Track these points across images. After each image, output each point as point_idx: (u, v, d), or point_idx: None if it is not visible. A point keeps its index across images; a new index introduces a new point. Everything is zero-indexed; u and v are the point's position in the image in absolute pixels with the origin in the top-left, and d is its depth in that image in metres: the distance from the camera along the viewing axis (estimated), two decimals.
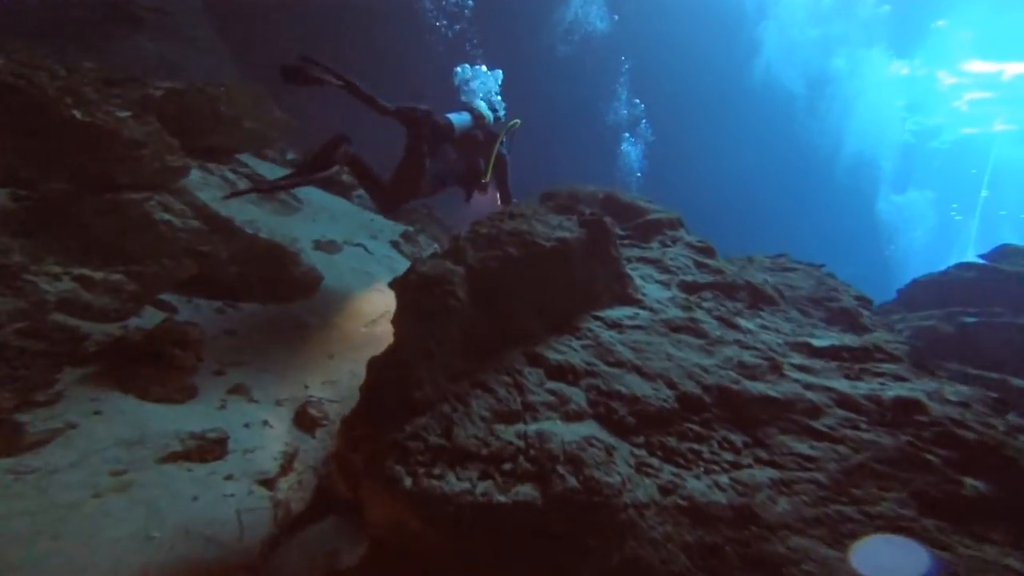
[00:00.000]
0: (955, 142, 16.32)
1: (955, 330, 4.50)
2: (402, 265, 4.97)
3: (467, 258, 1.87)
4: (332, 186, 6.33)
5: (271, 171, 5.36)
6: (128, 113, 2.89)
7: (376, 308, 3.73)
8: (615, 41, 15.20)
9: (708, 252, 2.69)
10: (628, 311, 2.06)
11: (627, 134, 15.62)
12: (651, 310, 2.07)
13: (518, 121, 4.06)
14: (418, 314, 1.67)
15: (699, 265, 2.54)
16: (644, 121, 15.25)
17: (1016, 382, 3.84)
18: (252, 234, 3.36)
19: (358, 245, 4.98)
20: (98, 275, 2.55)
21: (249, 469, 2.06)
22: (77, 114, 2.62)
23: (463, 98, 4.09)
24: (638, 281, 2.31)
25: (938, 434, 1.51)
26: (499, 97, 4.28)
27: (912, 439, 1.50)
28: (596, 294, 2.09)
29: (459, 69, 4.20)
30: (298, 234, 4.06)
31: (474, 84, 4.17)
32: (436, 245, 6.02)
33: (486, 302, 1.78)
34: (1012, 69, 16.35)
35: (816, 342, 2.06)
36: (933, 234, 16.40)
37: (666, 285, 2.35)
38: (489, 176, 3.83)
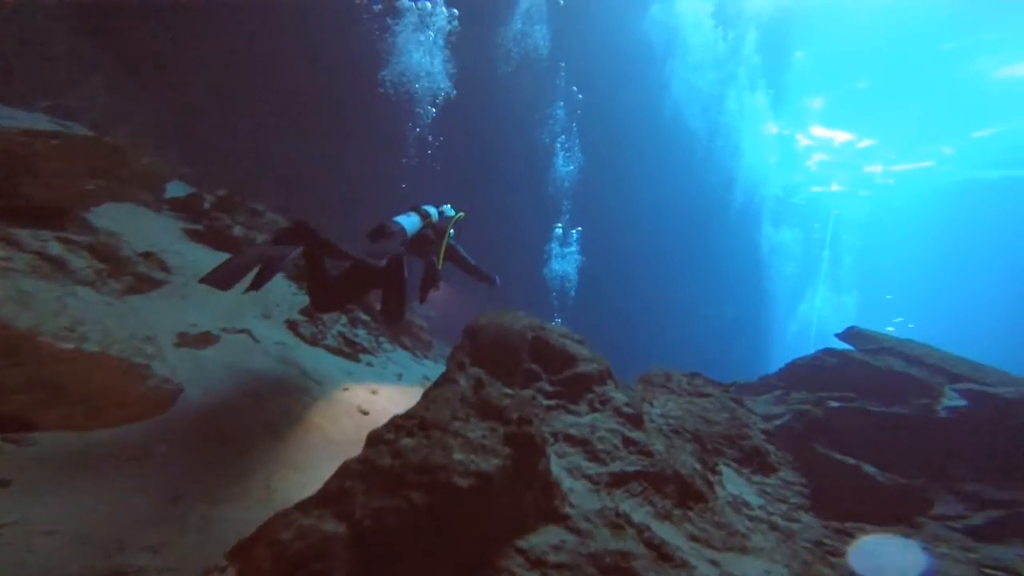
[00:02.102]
0: (808, 198, 19.38)
1: (823, 415, 5.20)
2: (298, 355, 4.39)
3: (355, 511, 1.49)
4: (221, 242, 5.45)
5: (138, 219, 4.40)
6: None
7: (251, 422, 3.11)
8: (554, 63, 15.56)
9: (636, 421, 2.70)
10: (555, 537, 1.94)
11: (561, 153, 16.13)
12: (578, 533, 1.99)
13: (463, 214, 4.31)
14: None
15: (627, 443, 2.54)
16: (577, 142, 15.82)
17: (867, 468, 4.52)
18: (71, 350, 2.48)
19: (242, 331, 4.27)
20: None
21: None
22: None
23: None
24: (565, 484, 2.22)
25: None
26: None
27: None
28: (521, 516, 1.94)
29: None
30: (155, 326, 3.29)
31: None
32: (343, 320, 5.49)
33: (379, 571, 1.46)
34: (840, 137, 20.00)
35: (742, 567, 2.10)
36: (800, 268, 19.28)
37: (595, 484, 2.30)
38: (440, 266, 3.97)
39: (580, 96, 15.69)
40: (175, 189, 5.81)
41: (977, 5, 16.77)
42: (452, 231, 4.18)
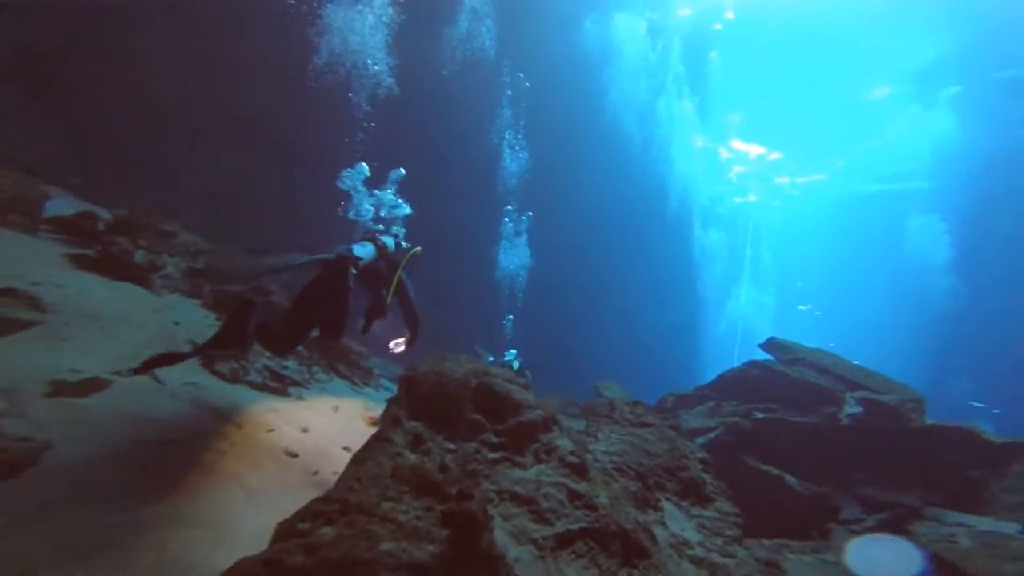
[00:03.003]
0: (731, 208, 21.09)
1: (751, 426, 5.60)
2: (213, 395, 3.94)
3: None
4: (118, 270, 4.76)
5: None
6: None
7: (144, 477, 2.60)
8: (499, 64, 15.53)
9: (581, 472, 2.69)
10: None
11: (508, 152, 16.20)
12: None
13: (419, 249, 4.24)
14: None
15: (572, 496, 2.51)
16: (524, 143, 15.97)
17: (788, 478, 4.91)
18: None
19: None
20: None
21: None
22: None
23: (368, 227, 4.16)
24: (511, 553, 2.14)
25: None
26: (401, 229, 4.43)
27: None
28: None
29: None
30: (16, 376, 2.78)
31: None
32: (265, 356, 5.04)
33: None
34: (755, 150, 22.03)
35: None
36: (726, 268, 20.84)
37: (541, 549, 2.24)
38: (390, 300, 3.89)
39: (523, 105, 15.84)
40: (60, 207, 4.98)
41: (854, 30, 18.97)
42: (406, 265, 4.09)
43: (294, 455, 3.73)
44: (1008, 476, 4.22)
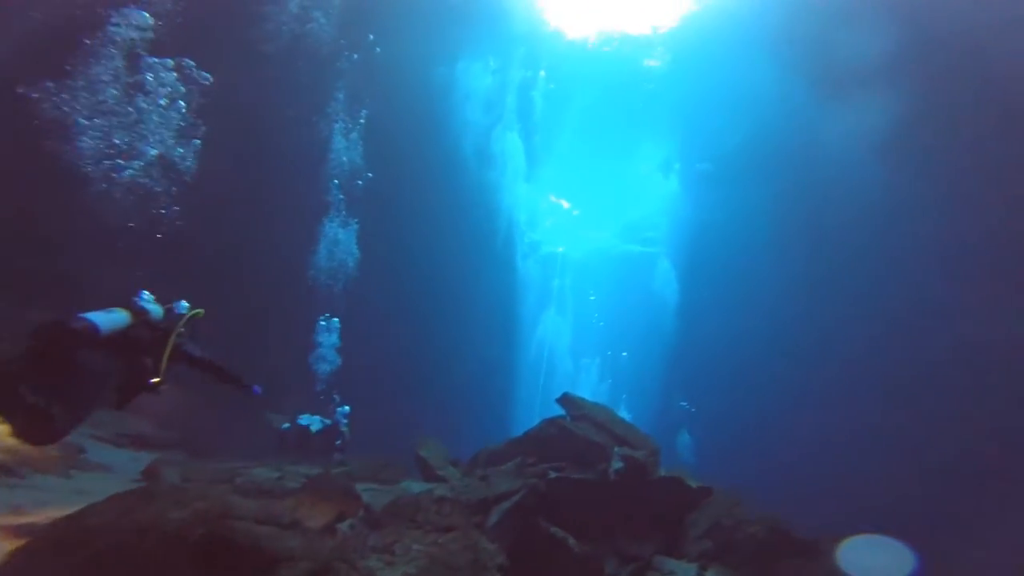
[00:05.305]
0: (545, 256, 24.28)
1: (546, 487, 6.47)
2: None
3: None
4: None
5: None
6: None
7: None
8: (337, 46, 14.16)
9: None
10: None
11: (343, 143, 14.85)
12: None
13: (200, 311, 4.01)
14: None
15: None
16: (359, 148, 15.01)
17: (570, 540, 5.84)
18: None
19: None
20: None
21: None
22: None
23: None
24: None
25: None
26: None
27: None
28: None
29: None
30: None
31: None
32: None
33: None
34: (564, 203, 26.10)
35: None
36: (537, 298, 23.58)
37: None
38: (162, 374, 3.67)
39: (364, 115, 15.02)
40: None
41: (628, 111, 23.93)
42: (183, 331, 3.88)
43: None
44: (700, 519, 6.07)
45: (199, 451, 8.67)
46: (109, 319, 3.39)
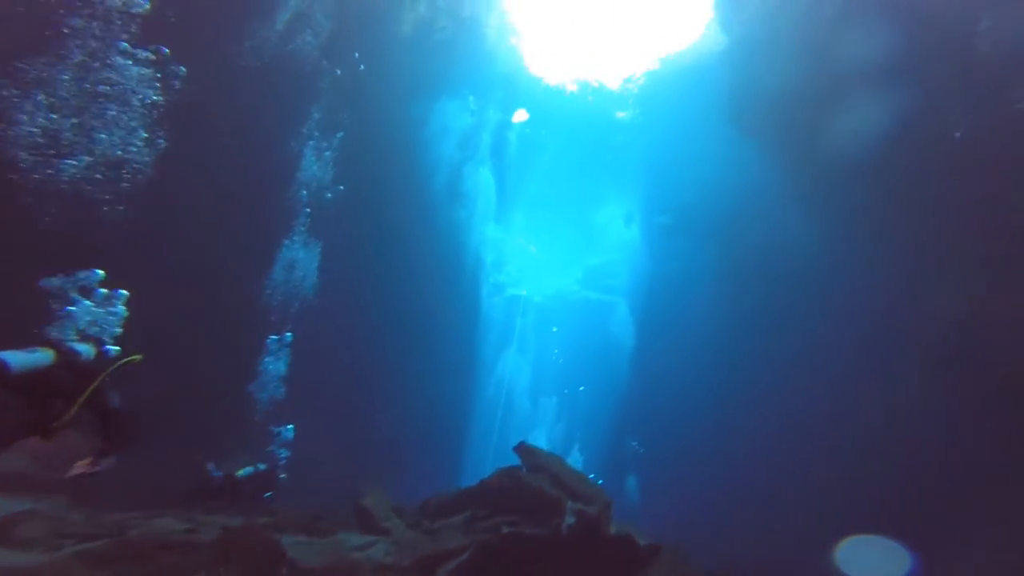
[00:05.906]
0: (509, 298, 24.64)
1: (499, 541, 6.31)
2: None
3: None
4: None
5: None
6: None
7: None
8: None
9: None
10: None
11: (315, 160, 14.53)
12: None
13: (137, 356, 3.81)
14: None
15: None
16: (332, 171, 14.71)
17: None
18: None
19: None
20: None
21: None
22: None
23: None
24: None
25: None
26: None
27: None
28: None
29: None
30: None
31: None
32: None
33: None
34: (531, 247, 26.68)
35: None
36: (499, 336, 23.64)
37: None
38: (66, 419, 3.39)
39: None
40: None
41: (598, 162, 25.16)
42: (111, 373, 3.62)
43: None
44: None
45: (89, 497, 7.02)
46: (28, 359, 3.21)
